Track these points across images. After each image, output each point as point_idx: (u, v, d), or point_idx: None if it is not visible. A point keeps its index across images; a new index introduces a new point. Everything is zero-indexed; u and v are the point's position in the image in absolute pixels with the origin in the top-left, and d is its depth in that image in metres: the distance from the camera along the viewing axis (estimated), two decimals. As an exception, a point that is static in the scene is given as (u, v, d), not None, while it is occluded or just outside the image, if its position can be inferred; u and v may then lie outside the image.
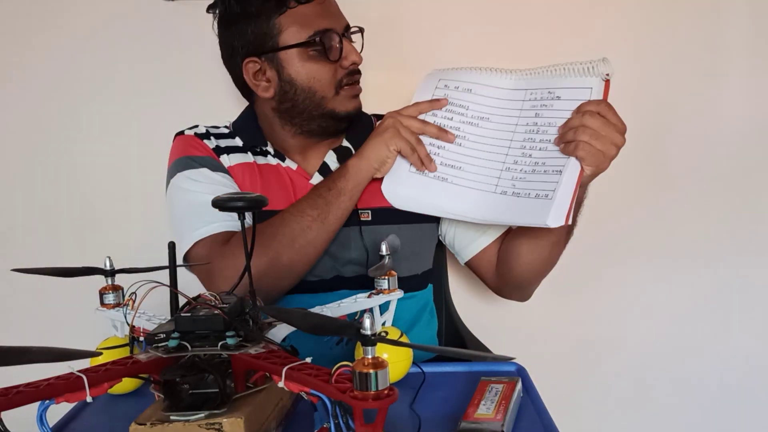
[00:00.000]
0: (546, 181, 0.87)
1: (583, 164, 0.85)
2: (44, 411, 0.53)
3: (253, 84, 1.01)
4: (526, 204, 0.87)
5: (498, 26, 1.31)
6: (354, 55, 1.00)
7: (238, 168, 1.04)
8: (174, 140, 1.07)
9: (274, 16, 0.97)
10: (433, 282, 1.15)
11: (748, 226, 1.35)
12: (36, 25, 1.31)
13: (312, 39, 0.97)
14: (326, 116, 1.02)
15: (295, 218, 0.94)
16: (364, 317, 0.52)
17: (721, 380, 1.39)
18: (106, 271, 0.78)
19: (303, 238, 0.93)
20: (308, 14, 0.97)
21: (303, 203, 0.95)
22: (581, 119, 0.85)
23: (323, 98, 1.00)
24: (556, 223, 0.83)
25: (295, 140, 1.06)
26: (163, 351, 0.61)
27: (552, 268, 1.02)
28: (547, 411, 0.71)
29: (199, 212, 0.96)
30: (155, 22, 1.28)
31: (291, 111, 1.02)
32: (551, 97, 0.91)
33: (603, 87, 0.88)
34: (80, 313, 1.04)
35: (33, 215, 1.36)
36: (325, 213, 0.94)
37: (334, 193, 0.95)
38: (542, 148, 0.90)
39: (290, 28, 0.97)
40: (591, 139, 0.84)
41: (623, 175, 1.33)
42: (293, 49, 0.98)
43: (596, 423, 1.41)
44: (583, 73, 0.89)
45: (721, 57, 1.31)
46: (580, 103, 0.87)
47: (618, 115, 0.86)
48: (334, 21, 0.99)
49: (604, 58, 0.88)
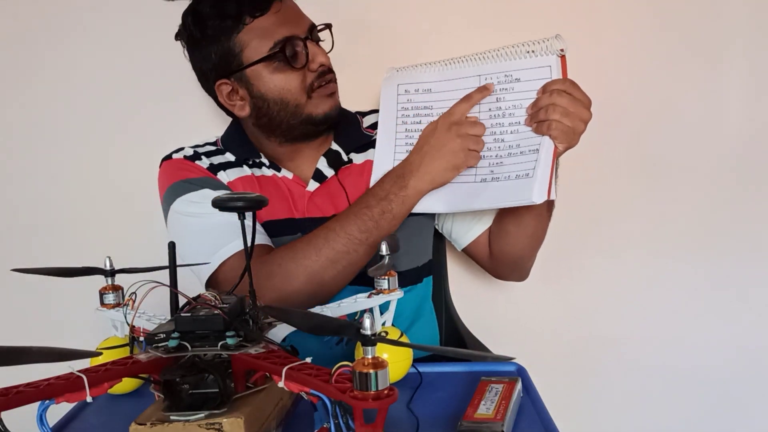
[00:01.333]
0: (524, 162, 0.89)
1: (556, 142, 0.87)
2: (44, 411, 0.53)
3: (228, 105, 1.02)
4: (508, 186, 0.90)
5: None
6: (321, 56, 0.98)
7: (239, 182, 1.03)
8: (161, 166, 1.05)
9: (233, 35, 0.96)
10: (433, 273, 1.15)
11: (747, 222, 1.35)
12: (36, 25, 1.31)
13: (274, 50, 0.96)
14: (305, 122, 1.00)
15: (341, 239, 0.91)
16: (364, 317, 0.52)
17: (722, 378, 1.39)
18: (106, 271, 0.78)
19: (347, 260, 0.91)
20: (266, 26, 0.96)
21: (351, 224, 0.91)
22: (550, 98, 0.86)
23: (297, 106, 0.99)
24: (540, 199, 0.86)
25: (283, 149, 1.05)
26: (163, 351, 0.61)
27: (541, 243, 1.03)
28: (547, 411, 0.71)
29: (216, 233, 0.95)
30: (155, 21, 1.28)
31: (270, 125, 1.02)
32: (510, 80, 0.92)
33: (560, 64, 0.89)
34: (80, 313, 1.04)
35: (33, 215, 1.36)
36: (374, 237, 0.91)
37: (387, 218, 0.92)
38: (513, 131, 0.92)
39: (250, 44, 0.96)
40: (561, 117, 0.85)
41: (624, 173, 1.34)
42: (258, 64, 0.97)
43: (596, 423, 1.41)
44: (535, 53, 0.90)
45: (720, 54, 1.31)
46: (542, 83, 0.89)
47: (582, 90, 0.87)
48: (294, 26, 0.97)
49: (557, 35, 0.89)
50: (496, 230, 1.04)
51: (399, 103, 1.01)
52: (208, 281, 0.96)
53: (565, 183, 0.97)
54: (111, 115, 1.33)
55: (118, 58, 1.31)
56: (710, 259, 1.36)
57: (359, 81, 1.16)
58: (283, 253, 0.92)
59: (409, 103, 0.99)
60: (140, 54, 1.31)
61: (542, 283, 1.22)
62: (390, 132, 1.01)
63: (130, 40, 1.31)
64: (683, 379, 1.39)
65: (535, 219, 0.98)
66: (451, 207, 0.95)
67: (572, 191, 1.15)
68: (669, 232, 1.36)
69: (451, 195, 0.94)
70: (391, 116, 1.02)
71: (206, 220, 0.96)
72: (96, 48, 1.32)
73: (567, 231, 1.25)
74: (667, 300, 1.37)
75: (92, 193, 1.35)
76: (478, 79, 0.94)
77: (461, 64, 0.97)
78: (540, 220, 0.99)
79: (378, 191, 0.94)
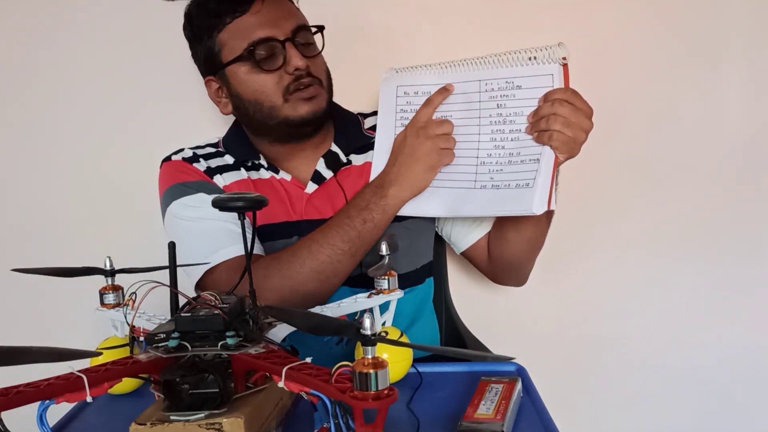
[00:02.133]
0: (524, 171, 0.89)
1: (557, 153, 0.87)
2: (44, 411, 0.53)
3: (215, 101, 1.04)
4: (508, 194, 0.89)
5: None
6: (297, 60, 0.97)
7: (235, 186, 1.03)
8: (161, 167, 1.06)
9: (215, 33, 0.98)
10: (433, 275, 1.15)
11: (747, 222, 1.35)
12: (36, 25, 1.31)
13: (247, 51, 0.96)
14: (282, 124, 1.00)
15: (324, 250, 0.92)
16: (364, 317, 0.52)
17: (722, 378, 1.39)
18: (106, 271, 0.78)
19: (331, 271, 0.92)
20: (245, 27, 0.96)
21: (334, 235, 0.92)
22: (551, 108, 0.86)
23: (272, 107, 0.99)
24: (540, 210, 0.86)
25: (276, 149, 1.05)
26: (163, 351, 0.61)
27: (539, 249, 1.03)
28: (547, 411, 0.71)
29: (209, 238, 0.95)
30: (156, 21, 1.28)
31: (251, 124, 1.03)
32: (511, 87, 0.91)
33: (563, 72, 0.88)
34: (80, 313, 1.04)
35: (33, 215, 1.36)
36: (357, 246, 0.93)
37: (369, 227, 0.93)
38: (514, 138, 0.91)
39: (228, 44, 0.98)
40: (563, 128, 0.85)
41: (624, 173, 1.34)
42: (235, 63, 0.98)
43: (596, 423, 1.41)
44: (537, 60, 0.89)
45: (720, 54, 1.31)
46: (543, 91, 0.88)
47: (584, 100, 0.87)
48: (274, 28, 0.97)
49: (560, 43, 0.88)
50: (495, 235, 1.04)
51: (398, 105, 1.01)
52: (197, 285, 0.97)
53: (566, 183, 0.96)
54: (111, 115, 1.33)
55: (118, 58, 1.32)
56: (710, 259, 1.36)
57: (359, 81, 1.16)
58: (267, 264, 0.93)
59: (408, 105, 0.99)
60: (140, 54, 1.31)
61: (542, 284, 1.22)
62: (389, 134, 1.01)
63: (130, 40, 1.31)
64: (683, 379, 1.39)
65: (534, 226, 0.98)
66: (450, 212, 0.95)
67: (573, 191, 1.15)
68: (669, 232, 1.36)
69: (450, 200, 0.94)
70: (390, 118, 1.01)
71: (199, 225, 0.97)
72: (96, 48, 1.32)
73: (567, 231, 1.25)
74: (667, 300, 1.37)
75: (92, 193, 1.35)
76: (479, 84, 0.93)
77: (462, 68, 0.95)
78: (539, 227, 0.99)
79: (359, 202, 0.95)
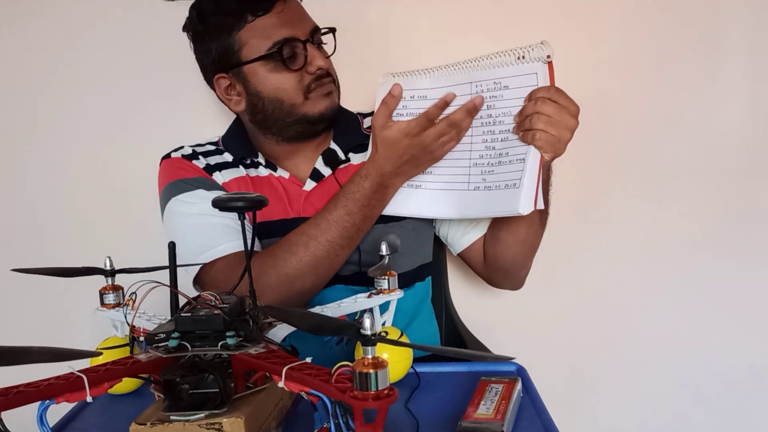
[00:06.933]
0: (512, 171, 0.89)
1: (542, 152, 0.87)
2: (44, 411, 0.53)
3: (225, 99, 1.03)
4: (498, 196, 0.90)
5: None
6: (319, 60, 0.98)
7: (233, 183, 1.03)
8: (161, 164, 1.07)
9: (234, 31, 0.97)
10: (433, 274, 1.15)
11: (747, 222, 1.35)
12: (36, 25, 1.31)
13: (272, 51, 0.96)
14: (300, 121, 1.01)
15: (322, 246, 0.92)
16: (364, 317, 0.52)
17: (721, 379, 1.39)
18: (106, 271, 0.78)
19: (328, 264, 0.93)
20: (267, 26, 0.97)
21: (333, 232, 0.92)
22: (534, 107, 0.86)
23: (293, 105, 0.99)
24: (526, 210, 0.87)
25: (280, 147, 1.06)
26: (163, 351, 0.61)
27: (534, 251, 1.04)
28: (547, 411, 0.71)
29: (207, 234, 0.96)
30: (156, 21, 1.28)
31: (265, 122, 1.02)
32: (499, 87, 0.91)
33: (547, 70, 0.88)
34: (80, 313, 1.04)
35: (33, 215, 1.36)
36: (355, 240, 0.94)
37: (368, 222, 0.95)
38: (503, 139, 0.91)
39: (250, 42, 0.97)
40: (546, 126, 0.85)
41: (624, 175, 1.34)
42: (255, 62, 0.97)
43: (596, 423, 1.41)
44: (524, 59, 0.88)
45: (720, 54, 1.31)
46: (529, 90, 0.88)
47: (569, 98, 0.86)
48: (296, 28, 0.98)
49: (543, 41, 0.87)
50: (490, 236, 1.05)
51: (395, 109, 1.01)
52: (194, 281, 0.97)
53: (566, 183, 0.97)
54: (111, 115, 1.33)
55: (119, 58, 1.31)
56: (710, 259, 1.36)
57: (358, 81, 1.16)
58: (262, 261, 0.93)
59: (404, 109, 0.99)
60: (141, 54, 1.31)
61: (542, 284, 1.22)
62: None
63: (131, 39, 1.31)
64: (683, 379, 1.39)
65: (527, 227, 0.98)
66: (443, 214, 0.96)
67: (572, 191, 1.15)
68: (669, 232, 1.36)
69: (443, 202, 0.95)
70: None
71: (198, 221, 0.97)
72: (97, 48, 1.31)
73: (567, 231, 1.26)
74: (667, 300, 1.37)
75: (92, 194, 1.35)
76: (470, 86, 0.93)
77: (455, 71, 0.95)
78: (532, 228, 0.99)
79: (359, 197, 0.94)
